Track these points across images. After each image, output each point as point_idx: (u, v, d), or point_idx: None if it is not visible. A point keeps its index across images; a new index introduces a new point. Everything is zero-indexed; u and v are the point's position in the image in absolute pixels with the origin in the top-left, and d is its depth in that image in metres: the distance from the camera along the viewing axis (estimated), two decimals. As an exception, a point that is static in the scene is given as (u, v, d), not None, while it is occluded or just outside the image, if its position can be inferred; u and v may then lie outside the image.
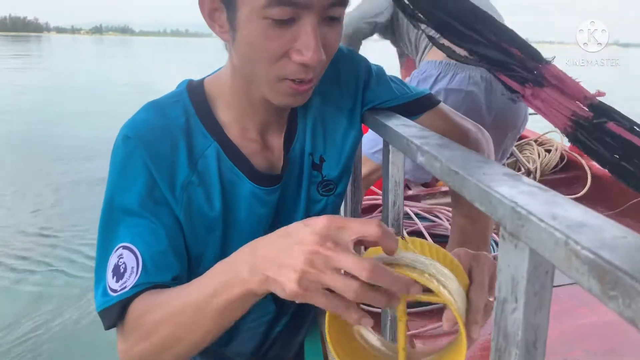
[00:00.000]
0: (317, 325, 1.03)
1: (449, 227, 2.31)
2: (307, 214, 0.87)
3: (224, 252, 0.80)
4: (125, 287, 0.68)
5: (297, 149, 0.83)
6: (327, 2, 0.63)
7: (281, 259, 0.52)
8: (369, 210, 2.61)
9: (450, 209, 2.53)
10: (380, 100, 0.87)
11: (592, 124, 0.70)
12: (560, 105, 0.75)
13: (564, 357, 1.10)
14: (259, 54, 0.66)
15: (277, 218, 0.83)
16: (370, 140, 1.66)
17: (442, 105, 0.90)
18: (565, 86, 0.78)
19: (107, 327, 0.71)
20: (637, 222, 1.91)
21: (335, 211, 0.93)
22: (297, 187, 0.85)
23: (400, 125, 0.72)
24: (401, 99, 0.88)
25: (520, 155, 2.43)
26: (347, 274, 0.50)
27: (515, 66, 0.82)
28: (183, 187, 0.75)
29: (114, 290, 0.69)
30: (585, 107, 0.72)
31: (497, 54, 0.84)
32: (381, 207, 2.64)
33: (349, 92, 0.87)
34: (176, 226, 0.75)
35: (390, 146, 0.75)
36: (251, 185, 0.78)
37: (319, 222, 0.52)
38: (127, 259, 0.70)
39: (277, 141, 0.82)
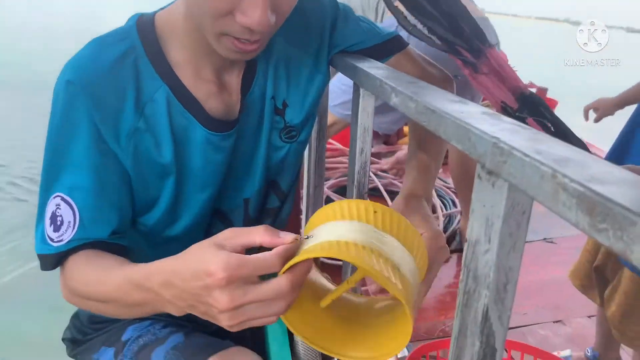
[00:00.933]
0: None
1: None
2: (268, 162, 0.84)
3: (178, 198, 0.77)
4: (61, 240, 0.70)
5: (256, 92, 0.79)
6: None
7: (206, 313, 0.54)
8: (334, 167, 2.60)
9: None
10: (349, 43, 0.84)
11: (515, 116, 0.71)
12: (493, 92, 0.75)
13: (514, 310, 1.13)
14: (202, 7, 0.62)
15: (234, 163, 0.80)
16: (331, 93, 1.63)
17: (410, 48, 0.87)
18: (502, 73, 0.78)
19: (43, 269, 0.73)
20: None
21: (298, 159, 0.90)
22: (256, 132, 0.81)
23: (372, 67, 0.69)
24: (370, 41, 0.84)
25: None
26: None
27: (461, 47, 0.81)
28: (129, 135, 0.71)
29: (52, 240, 0.70)
30: (514, 98, 0.73)
31: (446, 32, 0.83)
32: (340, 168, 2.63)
33: (315, 32, 0.82)
34: (121, 178, 0.72)
35: (361, 90, 0.72)
36: (204, 130, 0.74)
37: (219, 276, 0.49)
38: (65, 211, 0.70)
39: (235, 82, 0.78)
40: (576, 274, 1.39)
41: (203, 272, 0.51)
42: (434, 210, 2.28)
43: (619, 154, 1.24)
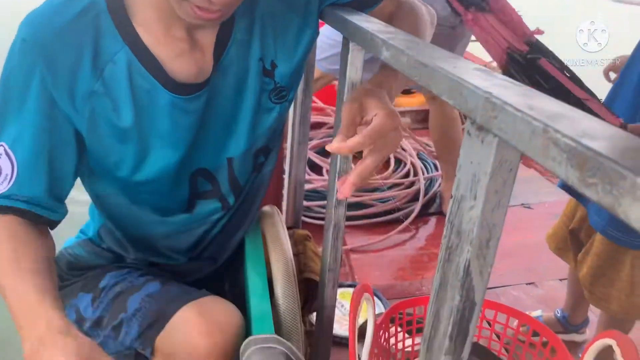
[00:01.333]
0: (258, 224, 1.02)
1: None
2: (256, 124, 0.82)
3: (144, 161, 0.76)
4: None
5: (232, 53, 0.76)
6: None
7: None
8: (316, 126, 2.58)
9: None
10: None
11: (526, 59, 0.69)
12: (499, 35, 0.73)
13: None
14: None
15: (210, 124, 0.78)
16: (317, 47, 1.61)
17: None
18: (507, 17, 0.75)
19: None
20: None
21: (283, 118, 0.89)
22: (237, 93, 0.78)
23: (363, 20, 0.68)
24: None
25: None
26: None
27: None
28: (85, 97, 0.69)
29: None
30: (522, 41, 0.71)
31: None
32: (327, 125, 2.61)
33: None
34: (69, 145, 0.71)
35: (350, 44, 0.71)
36: (168, 94, 0.71)
37: None
38: (3, 162, 0.68)
39: (209, 40, 0.74)
40: (553, 237, 1.42)
41: None
42: (415, 173, 2.29)
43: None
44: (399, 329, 1.04)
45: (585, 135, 0.28)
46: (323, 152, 2.30)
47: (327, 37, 1.66)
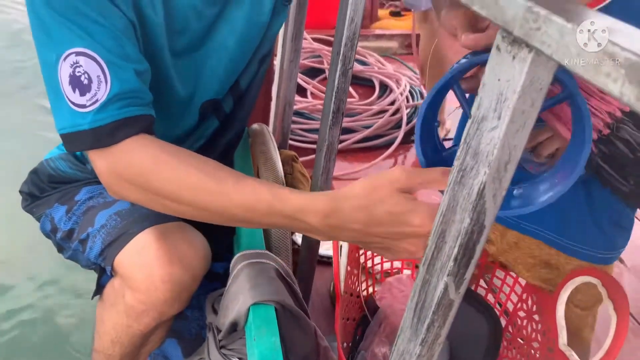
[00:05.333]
0: (247, 142, 1.00)
1: (378, 72, 2.28)
2: (268, 30, 0.79)
3: (170, 63, 0.72)
4: (96, 101, 0.59)
5: None
6: None
7: (372, 248, 0.59)
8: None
9: (382, 56, 2.48)
10: None
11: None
12: None
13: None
14: None
15: (215, 35, 0.74)
16: None
17: None
18: None
19: (74, 149, 0.63)
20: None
21: (283, 22, 0.87)
22: (254, 3, 0.75)
23: None
24: None
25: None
26: None
27: None
28: None
29: (83, 106, 0.59)
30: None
31: None
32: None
33: None
34: (129, 25, 0.63)
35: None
36: None
37: (419, 226, 0.53)
38: (88, 66, 0.59)
39: None
40: None
41: (406, 223, 0.53)
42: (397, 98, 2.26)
43: None
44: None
45: (646, 49, 0.26)
46: (308, 73, 2.23)
47: None
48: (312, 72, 2.24)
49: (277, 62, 1.17)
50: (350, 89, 2.14)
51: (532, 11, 0.32)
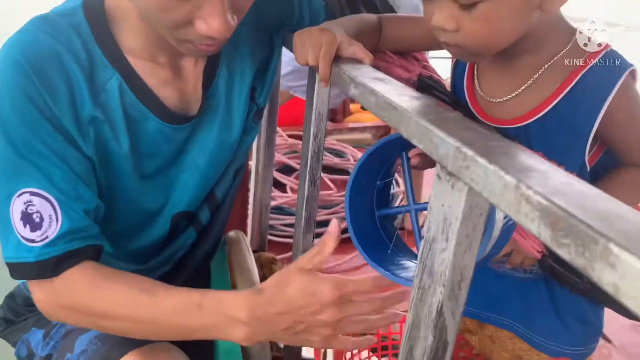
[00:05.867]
0: (224, 251, 1.01)
1: (354, 164, 2.35)
2: (240, 145, 0.83)
3: (137, 185, 0.75)
4: (45, 238, 0.62)
5: (221, 83, 0.77)
6: None
7: (299, 335, 0.60)
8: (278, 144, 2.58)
9: (356, 147, 2.57)
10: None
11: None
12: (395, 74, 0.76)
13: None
14: (157, 21, 0.59)
15: (186, 156, 0.78)
16: None
17: None
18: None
19: (17, 278, 0.65)
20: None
21: (254, 137, 0.92)
22: (224, 123, 0.79)
23: (330, 53, 0.68)
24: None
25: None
26: None
27: None
28: (89, 122, 0.66)
29: (32, 241, 0.62)
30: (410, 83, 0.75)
31: None
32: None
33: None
34: (87, 164, 0.67)
35: (317, 75, 0.71)
36: (158, 122, 0.71)
37: (327, 296, 0.58)
38: (41, 206, 0.62)
39: (192, 70, 0.74)
40: None
41: (316, 294, 0.58)
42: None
43: None
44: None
45: (557, 193, 0.29)
46: (286, 170, 2.29)
47: (284, 55, 1.67)
48: (290, 168, 2.30)
49: (252, 167, 1.21)
50: (328, 180, 2.19)
51: (461, 151, 0.36)
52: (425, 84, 0.71)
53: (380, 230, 0.67)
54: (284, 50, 1.79)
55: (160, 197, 0.79)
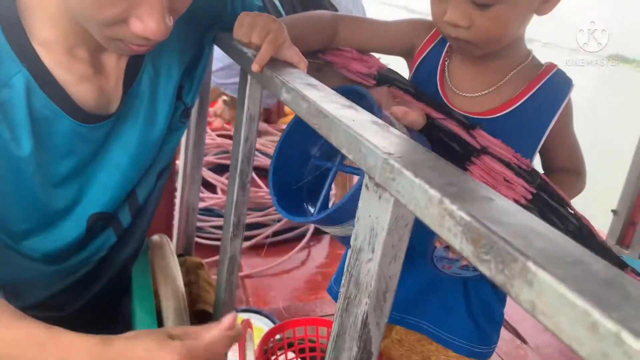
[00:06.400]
0: (146, 255, 0.97)
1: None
2: (164, 145, 0.79)
3: (41, 186, 0.69)
4: None
5: (145, 80, 0.73)
6: None
7: None
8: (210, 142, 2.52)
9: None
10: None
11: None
12: (350, 71, 0.78)
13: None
14: (90, 17, 0.55)
15: (106, 154, 0.73)
16: None
17: None
18: (353, 54, 0.79)
19: None
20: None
21: (181, 137, 0.87)
22: (147, 121, 0.75)
23: (262, 55, 0.67)
24: None
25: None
26: None
27: None
28: None
29: None
30: (370, 77, 0.77)
31: None
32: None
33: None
34: None
35: (248, 77, 0.69)
36: (71, 122, 0.66)
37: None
38: None
39: (114, 65, 0.70)
40: None
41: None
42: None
43: None
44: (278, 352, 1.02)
45: (480, 209, 0.29)
46: (217, 170, 2.24)
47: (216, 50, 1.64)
48: (220, 168, 2.25)
49: (179, 168, 1.17)
50: (259, 181, 2.17)
51: (388, 163, 0.36)
52: (386, 77, 0.75)
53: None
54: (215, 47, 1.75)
55: (70, 196, 0.73)
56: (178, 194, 1.16)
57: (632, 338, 0.19)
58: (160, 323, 0.83)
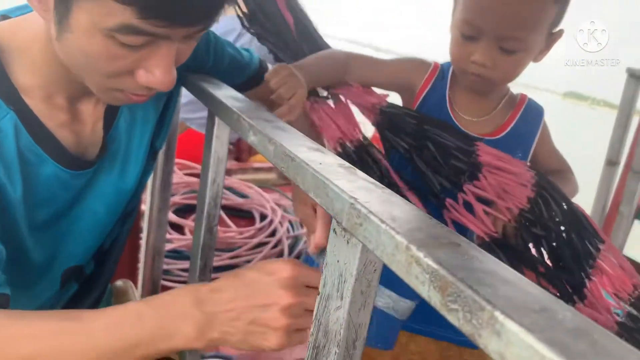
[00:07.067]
0: (110, 300, 0.93)
1: (264, 205, 2.33)
2: (138, 188, 0.77)
3: (27, 235, 0.66)
4: None
5: (122, 126, 0.72)
6: (189, 31, 0.54)
7: (253, 326, 0.52)
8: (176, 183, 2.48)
9: (261, 187, 2.55)
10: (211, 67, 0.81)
11: (356, 147, 0.82)
12: (334, 125, 0.85)
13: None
14: (95, 68, 0.56)
15: (83, 202, 0.71)
16: None
17: None
18: (345, 109, 0.87)
19: None
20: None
21: (147, 180, 0.86)
22: (123, 168, 0.74)
23: (229, 97, 0.67)
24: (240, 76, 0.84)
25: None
26: None
27: None
28: None
29: None
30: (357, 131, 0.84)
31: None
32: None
33: None
34: None
35: (215, 118, 0.69)
36: (55, 166, 0.65)
37: (284, 272, 0.53)
38: None
39: (90, 112, 0.69)
40: None
41: (261, 272, 0.53)
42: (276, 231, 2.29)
43: None
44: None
45: (448, 256, 0.29)
46: (183, 211, 2.20)
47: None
48: (187, 208, 2.22)
49: (145, 210, 1.14)
50: (229, 221, 2.14)
51: (355, 207, 0.35)
52: (392, 106, 0.85)
53: None
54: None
55: (48, 250, 0.71)
56: (144, 237, 1.13)
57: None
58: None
